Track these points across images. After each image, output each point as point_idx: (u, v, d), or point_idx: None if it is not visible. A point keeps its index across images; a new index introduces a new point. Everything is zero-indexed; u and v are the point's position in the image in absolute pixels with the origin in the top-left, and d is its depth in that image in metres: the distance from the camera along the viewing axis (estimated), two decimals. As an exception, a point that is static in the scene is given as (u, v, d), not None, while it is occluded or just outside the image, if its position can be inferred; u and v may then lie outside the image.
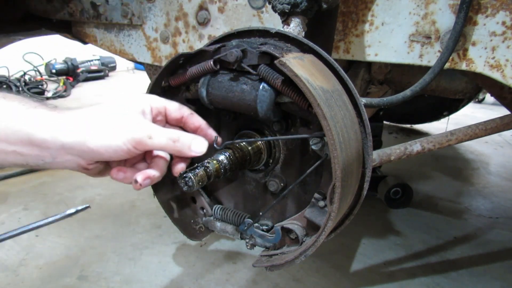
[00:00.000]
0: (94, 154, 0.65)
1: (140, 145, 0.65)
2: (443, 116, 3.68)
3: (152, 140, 0.66)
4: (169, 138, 0.67)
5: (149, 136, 0.65)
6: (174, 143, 0.68)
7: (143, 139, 0.65)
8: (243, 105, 0.74)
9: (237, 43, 0.73)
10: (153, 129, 0.67)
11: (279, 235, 0.81)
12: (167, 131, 0.68)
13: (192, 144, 0.70)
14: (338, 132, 0.61)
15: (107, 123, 0.65)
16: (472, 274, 1.85)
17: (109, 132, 0.64)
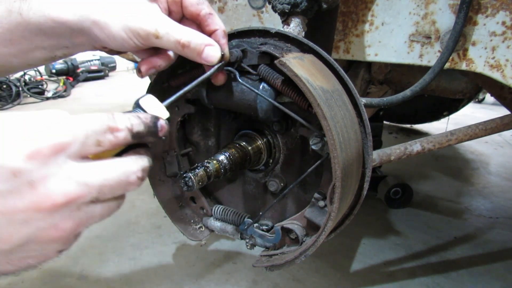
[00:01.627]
0: (101, 42, 0.63)
1: (147, 42, 0.61)
2: (443, 116, 3.68)
3: (159, 40, 0.61)
4: (178, 42, 0.61)
5: (155, 35, 0.60)
6: (183, 49, 0.62)
7: (149, 37, 0.60)
8: (243, 105, 0.74)
9: (237, 43, 0.73)
10: (162, 26, 0.61)
11: (279, 235, 0.81)
12: (177, 31, 0.61)
13: (204, 52, 0.63)
14: (338, 132, 0.61)
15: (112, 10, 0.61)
16: (472, 274, 1.85)
17: (113, 22, 0.60)
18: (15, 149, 0.39)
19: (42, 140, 0.40)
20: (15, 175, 0.39)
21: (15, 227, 0.41)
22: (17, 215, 0.41)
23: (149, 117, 0.52)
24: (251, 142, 0.83)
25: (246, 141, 0.83)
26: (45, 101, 5.47)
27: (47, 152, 0.41)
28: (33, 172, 0.40)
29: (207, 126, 0.94)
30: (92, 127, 0.44)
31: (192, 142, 0.97)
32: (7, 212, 0.40)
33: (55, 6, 0.61)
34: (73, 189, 0.43)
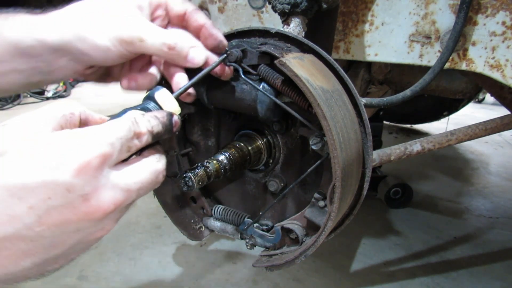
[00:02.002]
0: (84, 56, 0.60)
1: (131, 47, 0.59)
2: (443, 116, 3.68)
3: (143, 43, 0.58)
4: (164, 43, 0.59)
5: (140, 39, 0.58)
6: (169, 51, 0.61)
7: (134, 41, 0.58)
8: (243, 105, 0.74)
9: (237, 43, 0.73)
10: (146, 29, 0.59)
11: (279, 235, 0.81)
12: (162, 34, 0.60)
13: (190, 53, 0.62)
14: (338, 132, 0.61)
15: (94, 20, 0.59)
16: (472, 274, 1.85)
17: (96, 31, 0.58)
18: (66, 166, 0.41)
19: (88, 155, 0.42)
20: (68, 190, 0.41)
21: (68, 236, 0.44)
22: (71, 226, 0.43)
23: (165, 115, 0.53)
24: (251, 142, 0.83)
25: (246, 141, 0.83)
26: (45, 101, 5.47)
27: (94, 165, 0.43)
28: (85, 186, 0.42)
29: (207, 126, 0.94)
30: (123, 135, 0.46)
31: (192, 142, 0.97)
32: (61, 224, 0.42)
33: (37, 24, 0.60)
34: (120, 196, 0.46)
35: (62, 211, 0.41)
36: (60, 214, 0.42)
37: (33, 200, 0.40)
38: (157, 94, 0.55)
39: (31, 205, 0.40)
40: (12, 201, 0.39)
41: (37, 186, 0.40)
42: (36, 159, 0.40)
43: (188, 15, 0.66)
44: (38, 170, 0.40)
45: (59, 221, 0.42)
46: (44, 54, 0.60)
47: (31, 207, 0.40)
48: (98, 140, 0.43)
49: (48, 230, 0.42)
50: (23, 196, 0.40)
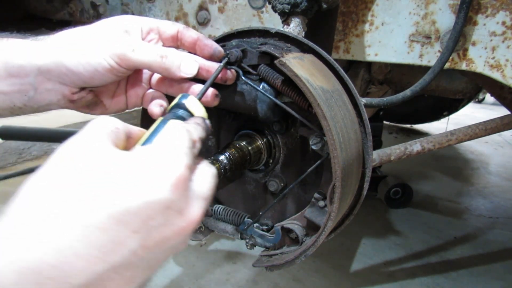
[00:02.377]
0: (74, 76, 0.59)
1: (124, 60, 0.59)
2: (443, 116, 3.68)
3: (136, 53, 0.58)
4: (156, 53, 0.60)
5: (132, 49, 0.58)
6: (162, 59, 0.60)
7: (126, 53, 0.58)
8: (243, 105, 0.74)
9: (237, 43, 0.73)
10: (137, 43, 0.60)
11: (279, 235, 0.81)
12: (154, 46, 0.61)
13: (182, 63, 0.62)
14: (338, 132, 0.62)
15: (86, 41, 0.59)
16: (472, 274, 1.85)
17: (87, 49, 0.58)
18: (164, 183, 0.40)
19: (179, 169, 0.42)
20: (168, 208, 0.40)
21: (163, 254, 0.44)
22: (167, 243, 0.42)
23: (202, 121, 0.54)
24: (251, 142, 0.83)
25: (246, 141, 0.83)
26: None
27: (185, 178, 0.42)
28: (180, 200, 0.42)
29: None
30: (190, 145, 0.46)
31: (192, 142, 0.97)
32: (160, 244, 0.41)
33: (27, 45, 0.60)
34: (203, 205, 0.46)
35: (162, 230, 0.41)
36: (160, 234, 0.41)
37: (137, 224, 0.39)
38: (186, 101, 0.55)
39: (135, 229, 0.39)
40: (118, 228, 0.38)
41: (140, 209, 0.39)
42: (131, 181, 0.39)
43: (181, 33, 0.67)
44: (138, 191, 0.39)
45: (159, 240, 0.41)
46: (31, 75, 0.59)
47: (135, 231, 0.39)
48: (180, 153, 0.43)
49: (150, 253, 0.41)
50: (127, 221, 0.38)
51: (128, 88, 0.70)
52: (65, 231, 0.35)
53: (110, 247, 0.37)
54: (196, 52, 0.68)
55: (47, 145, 3.15)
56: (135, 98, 0.71)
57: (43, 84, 0.61)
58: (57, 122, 3.01)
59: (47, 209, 0.36)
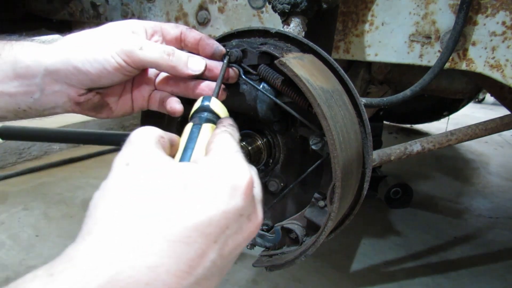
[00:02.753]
0: (81, 75, 0.59)
1: (131, 58, 0.59)
2: (443, 116, 3.68)
3: (143, 51, 0.59)
4: (163, 50, 0.61)
5: (139, 47, 0.59)
6: (169, 57, 0.61)
7: (134, 50, 0.58)
8: (243, 105, 0.74)
9: (237, 43, 0.73)
10: (144, 41, 0.60)
11: (279, 235, 0.81)
12: (160, 45, 0.62)
13: (189, 60, 0.63)
14: (338, 132, 0.62)
15: (93, 40, 0.59)
16: (472, 274, 1.85)
17: (95, 47, 0.58)
18: (237, 191, 0.41)
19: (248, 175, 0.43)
20: (241, 215, 0.41)
21: (232, 260, 0.44)
22: (238, 249, 0.43)
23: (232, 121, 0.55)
24: (251, 142, 0.83)
25: (246, 141, 0.83)
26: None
27: (251, 185, 0.43)
28: (250, 207, 0.43)
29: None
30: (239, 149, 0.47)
31: (192, 142, 0.97)
32: (234, 251, 0.42)
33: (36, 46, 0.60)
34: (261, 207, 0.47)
35: (235, 237, 0.42)
36: (234, 241, 0.42)
37: (217, 234, 0.39)
38: (211, 104, 0.56)
39: (215, 239, 0.39)
40: (201, 240, 0.38)
41: (219, 218, 0.39)
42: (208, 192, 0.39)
43: (184, 34, 0.68)
44: (216, 201, 0.39)
45: (233, 248, 0.42)
46: (38, 76, 0.59)
47: (215, 241, 0.39)
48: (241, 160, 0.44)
49: (225, 261, 0.41)
50: (209, 232, 0.38)
51: (133, 89, 0.70)
52: (153, 247, 0.35)
53: (196, 261, 0.37)
54: (199, 52, 0.68)
55: (47, 145, 3.15)
56: (141, 100, 0.70)
57: (50, 86, 0.61)
58: (57, 122, 3.01)
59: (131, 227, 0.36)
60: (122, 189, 0.38)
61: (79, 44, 0.59)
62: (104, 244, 0.35)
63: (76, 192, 2.58)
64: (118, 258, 0.34)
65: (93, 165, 2.99)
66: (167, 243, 0.36)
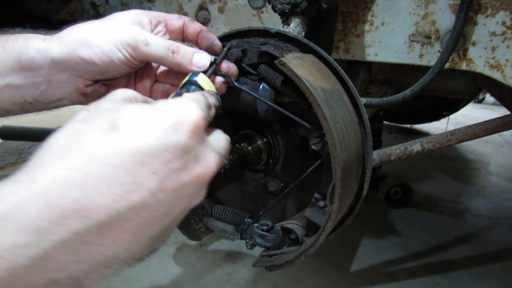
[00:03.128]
0: (88, 66, 0.60)
1: (136, 53, 0.60)
2: (443, 116, 3.68)
3: (149, 47, 0.60)
4: (168, 47, 0.62)
5: (145, 43, 0.60)
6: (174, 55, 0.63)
7: (139, 44, 0.59)
8: (243, 105, 0.74)
9: (237, 43, 0.73)
10: (150, 35, 0.62)
11: (279, 235, 0.81)
12: (166, 41, 0.63)
13: (194, 57, 0.64)
14: (338, 132, 0.62)
15: (99, 31, 0.60)
16: (472, 274, 1.85)
17: (102, 38, 0.59)
18: (183, 128, 0.42)
19: (197, 116, 0.44)
20: (185, 152, 0.42)
21: (179, 201, 0.44)
22: (184, 190, 0.43)
23: (214, 93, 0.56)
24: (251, 142, 0.83)
25: (246, 141, 0.83)
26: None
27: (202, 126, 0.45)
28: (197, 147, 0.44)
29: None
30: (205, 103, 0.48)
31: (192, 142, 0.97)
32: (178, 188, 0.42)
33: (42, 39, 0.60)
34: (219, 158, 0.48)
35: (180, 174, 0.42)
36: (178, 177, 0.42)
37: (157, 165, 0.40)
38: (198, 78, 0.58)
39: (155, 170, 0.40)
40: (138, 168, 0.39)
41: (159, 151, 0.40)
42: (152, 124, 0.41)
43: (186, 25, 0.69)
44: (157, 134, 0.40)
45: (177, 185, 0.42)
46: (45, 67, 0.60)
47: (155, 173, 0.40)
48: (197, 106, 0.45)
49: (168, 196, 0.42)
50: (147, 161, 0.39)
51: (137, 81, 0.71)
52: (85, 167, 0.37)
53: (130, 187, 0.39)
54: (198, 44, 0.69)
55: (47, 145, 3.14)
56: (143, 91, 0.71)
57: (56, 76, 0.61)
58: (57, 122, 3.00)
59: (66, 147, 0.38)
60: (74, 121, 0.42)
61: (85, 36, 0.59)
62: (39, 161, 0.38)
63: (76, 192, 2.58)
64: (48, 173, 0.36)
65: (93, 165, 2.99)
66: (100, 165, 0.37)
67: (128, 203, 0.39)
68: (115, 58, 0.59)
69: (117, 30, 0.60)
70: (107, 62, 0.59)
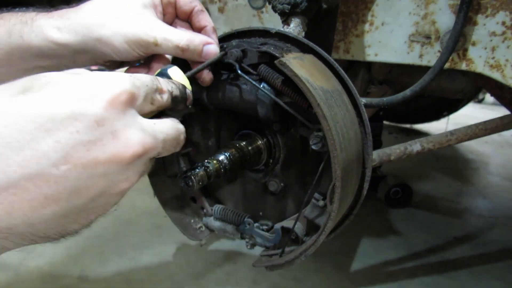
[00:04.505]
0: (104, 55, 0.65)
1: (148, 50, 0.64)
2: (443, 116, 3.68)
3: (158, 48, 0.64)
4: (177, 46, 0.64)
5: (155, 43, 0.63)
6: (183, 53, 0.65)
7: (150, 46, 0.63)
8: (243, 105, 0.74)
9: (237, 43, 0.73)
10: (160, 33, 0.64)
11: (279, 235, 0.81)
12: (175, 37, 0.64)
13: (203, 51, 0.67)
14: (338, 132, 0.62)
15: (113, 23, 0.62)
16: (472, 274, 1.85)
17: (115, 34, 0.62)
18: (97, 97, 0.39)
19: (118, 88, 0.41)
20: (98, 124, 0.38)
21: (94, 181, 0.40)
22: (98, 168, 0.39)
23: (181, 85, 0.56)
24: (251, 142, 0.83)
25: (246, 141, 0.83)
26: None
27: (124, 100, 0.41)
28: (115, 121, 0.40)
29: (207, 126, 0.94)
30: (148, 83, 0.46)
31: (192, 142, 0.97)
32: (88, 164, 0.38)
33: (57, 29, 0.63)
34: (148, 140, 0.43)
35: (90, 147, 0.38)
36: (88, 151, 0.38)
37: (61, 134, 0.36)
38: (170, 70, 0.59)
39: (58, 139, 0.36)
40: (38, 134, 0.35)
41: (65, 118, 0.37)
42: (65, 90, 0.38)
43: (194, 14, 0.72)
44: (67, 100, 0.37)
45: (86, 159, 0.38)
46: (68, 55, 0.65)
47: (58, 141, 0.36)
48: (127, 80, 0.43)
49: (74, 171, 0.38)
50: (50, 128, 0.36)
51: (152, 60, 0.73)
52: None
53: (29, 153, 0.35)
54: None
55: (47, 145, 3.14)
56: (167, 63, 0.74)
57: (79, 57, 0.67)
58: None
59: None
60: None
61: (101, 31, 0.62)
62: None
63: (76, 192, 2.58)
64: None
65: (93, 165, 2.98)
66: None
67: (24, 170, 0.35)
68: (129, 55, 0.64)
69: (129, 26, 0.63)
70: (120, 56, 0.65)
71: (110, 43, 0.62)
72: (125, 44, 0.63)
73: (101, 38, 0.62)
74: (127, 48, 0.63)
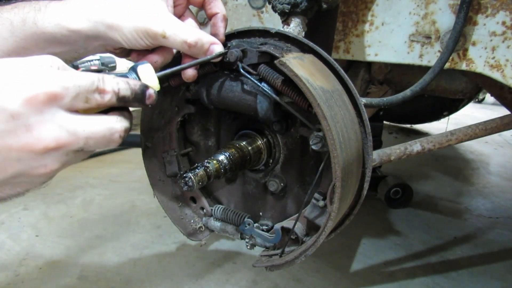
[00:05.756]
0: (115, 43, 0.67)
1: (155, 41, 0.66)
2: (443, 116, 3.68)
3: (166, 40, 0.66)
4: (185, 42, 0.66)
5: (163, 35, 0.65)
6: (189, 49, 0.67)
7: (157, 37, 0.65)
8: (243, 105, 0.74)
9: (237, 43, 0.73)
10: (169, 26, 0.66)
11: (279, 235, 0.81)
12: (183, 32, 0.66)
13: (209, 50, 0.69)
14: (338, 132, 0.62)
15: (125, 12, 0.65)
16: (472, 274, 1.85)
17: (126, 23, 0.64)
18: (14, 94, 0.44)
19: (38, 88, 0.46)
20: (13, 117, 0.44)
21: (10, 163, 0.47)
22: (12, 153, 0.46)
23: (138, 84, 0.56)
24: (251, 142, 0.83)
25: (246, 141, 0.83)
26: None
27: (42, 99, 0.46)
28: (30, 116, 0.45)
29: (207, 126, 0.94)
30: (83, 84, 0.49)
31: (192, 142, 0.97)
32: (3, 150, 0.45)
33: (70, 15, 0.64)
34: (64, 137, 0.48)
35: (4, 136, 0.44)
36: (2, 139, 0.44)
37: None
38: (139, 67, 0.59)
39: None
40: None
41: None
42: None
43: (206, 1, 0.74)
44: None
45: (2, 146, 0.45)
46: (80, 41, 0.66)
47: None
48: (56, 81, 0.47)
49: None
50: None
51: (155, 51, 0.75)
52: None
53: None
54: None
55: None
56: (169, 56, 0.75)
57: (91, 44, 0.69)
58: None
59: None
60: None
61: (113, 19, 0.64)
62: None
63: (76, 192, 2.58)
64: None
65: (93, 165, 2.98)
66: None
67: None
68: (137, 44, 0.66)
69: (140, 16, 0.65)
70: (130, 44, 0.67)
71: (121, 30, 0.64)
72: (134, 32, 0.64)
73: (112, 25, 0.64)
74: (135, 36, 0.65)
